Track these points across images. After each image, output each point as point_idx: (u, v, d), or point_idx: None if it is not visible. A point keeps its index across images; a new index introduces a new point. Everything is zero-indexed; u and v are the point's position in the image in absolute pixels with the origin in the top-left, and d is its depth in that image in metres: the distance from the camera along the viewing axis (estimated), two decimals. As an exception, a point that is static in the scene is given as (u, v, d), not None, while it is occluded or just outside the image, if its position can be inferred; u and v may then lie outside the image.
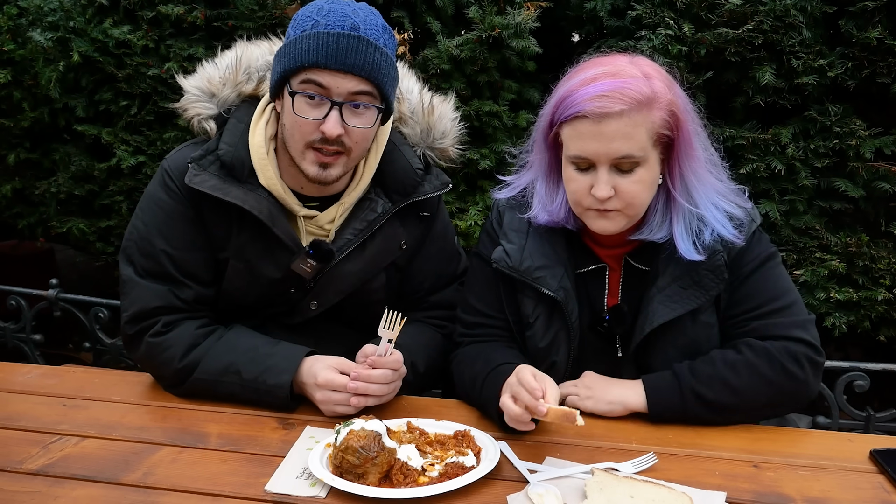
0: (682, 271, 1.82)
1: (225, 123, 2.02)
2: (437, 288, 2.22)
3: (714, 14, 3.06)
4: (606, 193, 1.73)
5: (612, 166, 1.73)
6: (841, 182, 3.12)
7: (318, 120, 1.84)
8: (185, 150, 2.04)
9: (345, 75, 1.82)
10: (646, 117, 1.70)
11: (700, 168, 1.81)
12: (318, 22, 1.81)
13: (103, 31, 3.64)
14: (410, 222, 2.11)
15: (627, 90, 1.68)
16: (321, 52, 1.79)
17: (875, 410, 2.89)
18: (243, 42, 2.09)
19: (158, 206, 2.00)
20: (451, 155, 2.17)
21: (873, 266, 3.12)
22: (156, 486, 1.60)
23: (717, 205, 1.83)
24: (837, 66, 3.00)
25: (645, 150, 1.72)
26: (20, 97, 3.88)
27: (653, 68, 1.77)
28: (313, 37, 1.80)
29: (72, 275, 5.24)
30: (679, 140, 1.76)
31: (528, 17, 3.23)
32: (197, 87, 2.05)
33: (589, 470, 1.62)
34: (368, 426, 1.61)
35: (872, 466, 1.68)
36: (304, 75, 1.83)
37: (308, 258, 1.98)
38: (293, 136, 1.89)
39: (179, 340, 1.96)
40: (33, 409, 1.95)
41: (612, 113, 1.68)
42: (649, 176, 1.75)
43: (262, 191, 1.96)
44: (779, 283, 1.87)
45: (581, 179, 1.77)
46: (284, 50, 1.86)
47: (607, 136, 1.69)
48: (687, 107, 1.79)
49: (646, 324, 1.84)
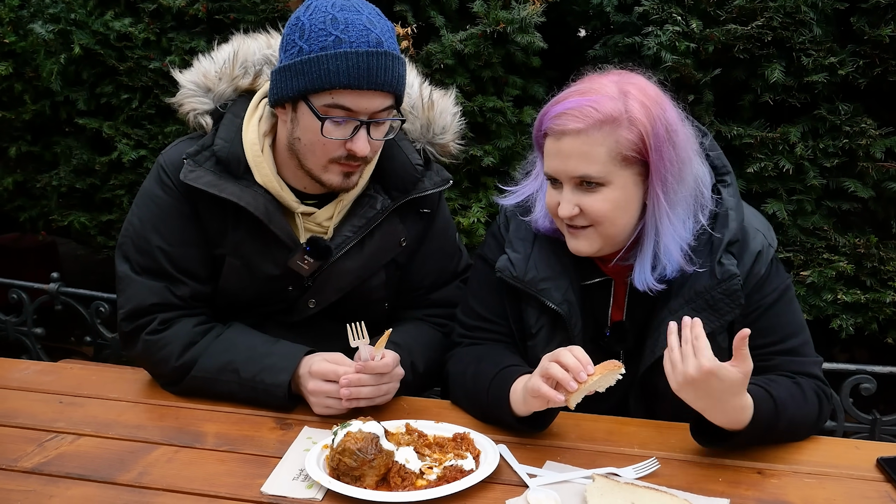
0: (695, 294, 1.77)
1: (221, 118, 1.99)
2: (438, 286, 2.19)
3: (722, 10, 3.03)
4: (568, 212, 1.71)
5: (576, 185, 1.71)
6: (850, 182, 3.09)
7: (344, 139, 1.81)
8: (180, 145, 2.02)
9: (374, 94, 1.79)
10: (607, 136, 1.65)
11: (675, 199, 1.72)
12: (339, 39, 1.74)
13: (104, 23, 3.63)
14: (410, 219, 2.08)
15: (587, 108, 1.66)
16: (352, 74, 1.74)
17: (881, 414, 2.86)
18: (240, 35, 2.06)
19: (154, 202, 1.98)
20: (452, 150, 2.14)
21: (882, 268, 3.10)
22: (151, 487, 1.59)
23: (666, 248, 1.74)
24: (848, 63, 2.97)
25: (606, 171, 1.67)
26: (21, 90, 3.88)
27: (637, 88, 1.70)
28: (341, 57, 1.74)
29: (74, 268, 5.24)
30: (651, 165, 1.69)
31: (534, 12, 3.20)
32: (193, 81, 2.02)
33: (589, 475, 1.59)
34: (366, 428, 1.59)
35: (879, 474, 1.65)
36: (330, 97, 1.77)
37: (305, 255, 1.96)
38: (314, 153, 1.85)
39: (176, 338, 1.94)
40: (30, 406, 1.94)
41: (569, 131, 1.67)
42: (619, 196, 1.70)
43: (259, 187, 1.94)
44: (797, 317, 1.86)
45: (552, 195, 1.77)
46: (303, 67, 1.77)
47: (564, 154, 1.69)
48: (673, 133, 1.70)
49: (657, 347, 1.79)
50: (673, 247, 1.74)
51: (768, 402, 1.65)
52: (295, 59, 1.79)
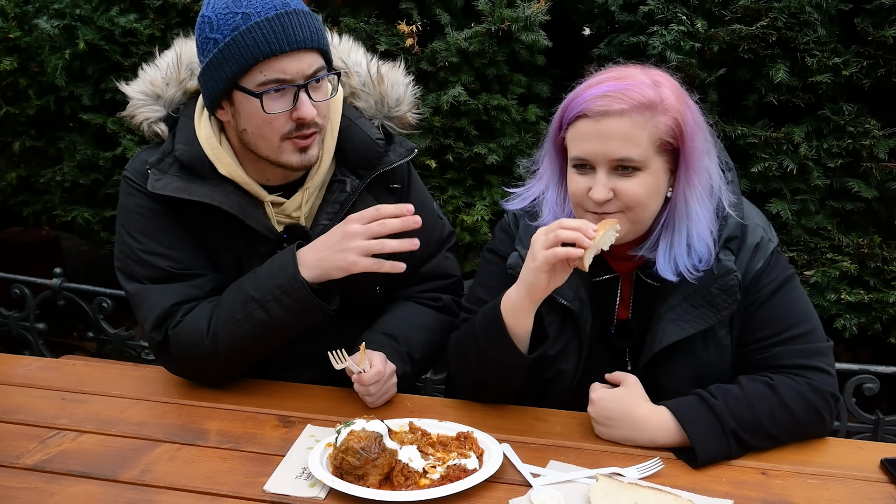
0: (693, 290, 1.77)
1: (176, 123, 1.98)
2: (426, 258, 2.17)
3: (727, 10, 3.02)
4: (604, 195, 1.69)
5: (611, 169, 1.69)
6: (854, 182, 3.08)
7: (288, 110, 1.81)
8: (141, 156, 2.00)
9: (299, 54, 1.78)
10: (648, 120, 1.66)
11: (703, 188, 1.75)
12: (246, 14, 1.75)
13: (110, 19, 3.62)
14: (383, 196, 2.06)
15: (631, 91, 1.66)
16: (271, 40, 1.74)
17: (884, 414, 2.86)
18: (181, 39, 2.05)
19: (136, 212, 1.97)
20: (410, 121, 2.13)
21: (885, 268, 3.09)
22: (153, 484, 1.59)
23: (702, 234, 1.76)
24: (852, 64, 2.96)
25: (646, 155, 1.68)
26: (26, 85, 3.87)
27: (665, 78, 1.74)
28: (254, 29, 1.74)
29: (77, 263, 5.24)
30: (684, 152, 1.71)
31: (538, 11, 3.19)
32: (141, 91, 2.01)
33: (593, 475, 1.59)
34: (370, 427, 1.59)
35: (883, 476, 1.65)
36: (259, 73, 1.77)
37: (285, 244, 1.95)
38: (264, 136, 1.85)
39: (199, 318, 1.90)
40: (32, 403, 1.94)
41: (612, 111, 1.65)
42: (653, 182, 1.71)
43: (228, 184, 1.93)
44: (798, 306, 1.82)
45: (581, 182, 1.74)
46: (223, 55, 1.78)
47: (605, 136, 1.67)
48: (698, 123, 1.74)
49: (655, 343, 1.80)
50: (705, 233, 1.76)
51: (699, 404, 1.70)
52: (213, 53, 1.79)
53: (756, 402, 1.70)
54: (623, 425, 1.74)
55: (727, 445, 1.67)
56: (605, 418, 1.75)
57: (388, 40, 3.29)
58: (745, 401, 1.70)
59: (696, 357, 1.80)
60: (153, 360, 2.06)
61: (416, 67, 3.27)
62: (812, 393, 1.73)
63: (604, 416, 1.76)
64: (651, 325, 1.83)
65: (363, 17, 3.39)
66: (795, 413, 1.71)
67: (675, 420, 1.70)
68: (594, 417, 1.77)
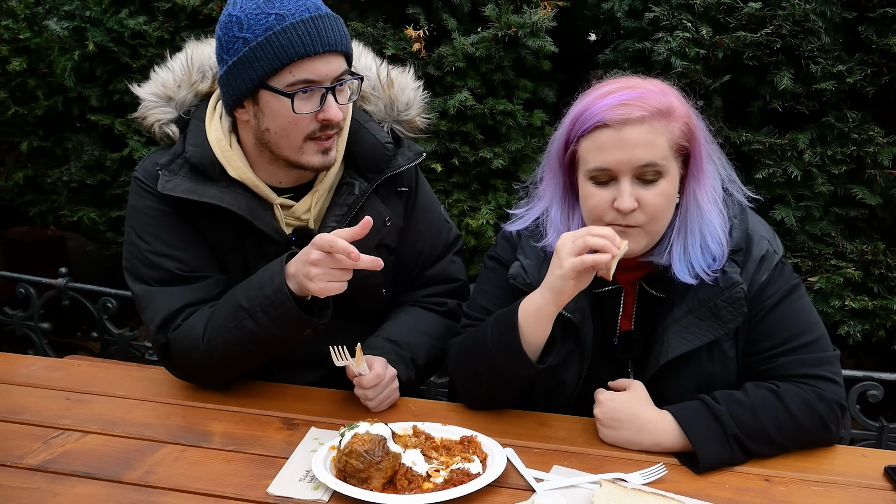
0: (698, 302, 1.77)
1: (187, 125, 1.99)
2: (431, 262, 2.18)
3: (732, 17, 3.03)
4: (631, 204, 1.68)
5: (634, 177, 1.69)
6: (858, 189, 3.09)
7: (314, 111, 1.82)
8: (152, 156, 2.01)
9: (329, 57, 1.80)
10: (665, 126, 1.68)
11: (710, 190, 1.77)
12: (280, 15, 1.77)
13: (119, 21, 3.65)
14: (391, 200, 2.08)
15: (647, 99, 1.67)
16: (306, 42, 1.76)
17: (888, 421, 2.86)
18: (192, 41, 2.06)
19: (145, 213, 1.98)
20: (420, 125, 2.14)
21: (889, 275, 3.09)
22: (157, 486, 1.59)
23: (714, 233, 1.77)
24: (856, 72, 2.97)
25: (667, 160, 1.69)
26: (35, 85, 3.90)
27: (667, 86, 1.75)
28: (289, 30, 1.76)
29: (83, 263, 5.25)
30: (694, 155, 1.73)
31: (545, 17, 3.21)
32: (153, 93, 2.02)
33: (597, 480, 1.59)
34: (374, 430, 1.59)
35: (887, 483, 1.65)
36: (290, 74, 1.78)
37: (293, 247, 1.95)
38: (288, 136, 1.85)
39: (197, 323, 1.91)
40: (36, 403, 1.94)
41: (634, 119, 1.65)
42: (671, 188, 1.72)
43: (238, 186, 1.94)
44: (804, 315, 1.82)
45: (601, 194, 1.72)
46: (254, 55, 1.78)
47: (630, 144, 1.66)
48: (702, 127, 1.76)
49: (661, 355, 1.79)
50: (717, 231, 1.77)
51: (702, 409, 1.71)
52: (243, 52, 1.79)
53: (760, 409, 1.70)
54: (629, 427, 1.74)
55: (730, 451, 1.67)
56: (612, 419, 1.76)
57: (396, 45, 3.31)
58: (749, 407, 1.70)
59: (702, 369, 1.80)
60: (157, 360, 2.06)
61: (423, 72, 3.28)
62: (818, 401, 1.72)
63: (610, 418, 1.76)
64: (656, 337, 1.82)
65: (371, 22, 3.41)
66: (800, 421, 1.71)
67: (678, 424, 1.70)
68: (600, 418, 1.77)
